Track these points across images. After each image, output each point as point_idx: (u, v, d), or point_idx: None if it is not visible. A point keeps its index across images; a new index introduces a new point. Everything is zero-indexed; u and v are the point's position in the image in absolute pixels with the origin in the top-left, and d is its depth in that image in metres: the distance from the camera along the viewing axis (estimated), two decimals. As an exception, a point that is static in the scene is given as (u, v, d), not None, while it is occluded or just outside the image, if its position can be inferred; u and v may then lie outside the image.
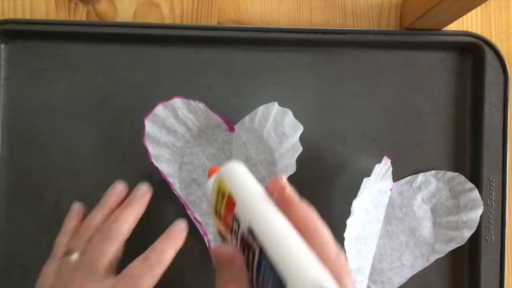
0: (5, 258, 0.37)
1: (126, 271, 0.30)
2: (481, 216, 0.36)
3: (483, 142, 0.37)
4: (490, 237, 0.37)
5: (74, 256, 0.31)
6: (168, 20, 0.38)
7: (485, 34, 0.38)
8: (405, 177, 0.38)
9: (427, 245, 0.37)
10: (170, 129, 0.36)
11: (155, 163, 0.36)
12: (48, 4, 0.38)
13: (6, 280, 0.37)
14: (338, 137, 0.38)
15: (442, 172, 0.37)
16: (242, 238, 0.21)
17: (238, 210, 0.21)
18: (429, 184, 0.37)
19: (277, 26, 0.38)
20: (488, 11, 0.40)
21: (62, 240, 0.33)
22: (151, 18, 0.38)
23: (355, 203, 0.33)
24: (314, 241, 0.21)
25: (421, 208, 0.37)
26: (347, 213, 0.33)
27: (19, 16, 0.38)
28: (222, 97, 0.37)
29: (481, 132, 0.37)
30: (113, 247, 0.31)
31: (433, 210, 0.37)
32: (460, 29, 0.39)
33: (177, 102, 0.35)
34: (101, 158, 0.37)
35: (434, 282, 0.38)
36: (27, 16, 0.38)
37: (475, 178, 0.37)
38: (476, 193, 0.37)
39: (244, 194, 0.22)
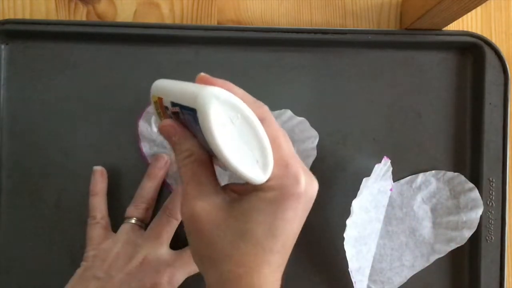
0: (5, 258, 0.37)
1: (186, 250, 0.34)
2: (481, 216, 0.36)
3: (483, 142, 0.37)
4: (490, 237, 0.37)
5: (133, 221, 0.34)
6: (168, 20, 0.38)
7: (485, 34, 0.38)
8: (405, 177, 0.38)
9: (427, 245, 0.37)
10: None
11: (150, 162, 0.36)
12: (48, 4, 0.38)
13: (6, 280, 0.37)
14: (338, 137, 0.38)
15: (442, 172, 0.37)
16: (172, 113, 0.26)
17: (164, 100, 0.27)
18: (429, 184, 0.37)
19: (277, 26, 0.38)
20: (488, 11, 0.40)
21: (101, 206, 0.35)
22: (151, 18, 0.38)
23: (355, 203, 0.33)
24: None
25: (421, 208, 0.37)
26: (347, 213, 0.33)
27: (19, 16, 0.38)
28: (222, 97, 0.37)
29: (481, 132, 0.37)
30: (175, 226, 0.34)
31: (433, 210, 0.37)
32: (460, 29, 0.39)
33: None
34: (101, 158, 0.37)
35: (434, 282, 0.38)
36: (27, 16, 0.38)
37: (475, 178, 0.37)
38: (476, 193, 0.37)
39: (162, 88, 0.28)
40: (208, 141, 0.22)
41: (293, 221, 0.24)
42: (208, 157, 0.26)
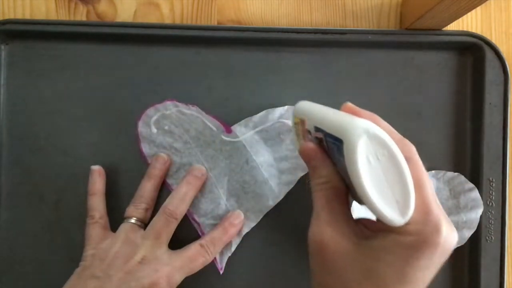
0: (5, 258, 0.37)
1: (185, 250, 0.34)
2: (481, 216, 0.36)
3: (483, 142, 0.37)
4: (490, 237, 0.37)
5: (133, 221, 0.34)
6: (168, 20, 0.38)
7: (485, 34, 0.38)
8: (405, 177, 0.38)
9: (427, 245, 0.37)
10: (166, 130, 0.36)
11: (150, 162, 0.36)
12: (48, 4, 0.38)
13: (6, 280, 0.37)
14: (338, 137, 0.38)
15: (442, 172, 0.37)
16: (315, 137, 0.27)
17: (307, 122, 0.28)
18: (429, 184, 0.37)
19: (277, 26, 0.38)
20: (488, 11, 0.40)
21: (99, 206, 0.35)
22: (151, 18, 0.38)
23: (355, 203, 0.33)
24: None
25: (421, 208, 0.37)
26: (347, 213, 0.33)
27: (19, 16, 0.38)
28: (222, 98, 0.37)
29: (481, 132, 0.37)
30: (174, 225, 0.34)
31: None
32: (460, 29, 0.39)
33: (169, 105, 0.36)
34: (101, 158, 0.37)
35: (434, 282, 0.38)
36: (27, 16, 0.38)
37: (475, 178, 0.37)
38: (476, 193, 0.37)
39: (307, 111, 0.28)
40: (351, 175, 0.21)
41: (425, 270, 0.23)
42: (344, 188, 0.26)
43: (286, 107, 0.36)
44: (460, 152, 0.38)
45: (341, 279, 0.23)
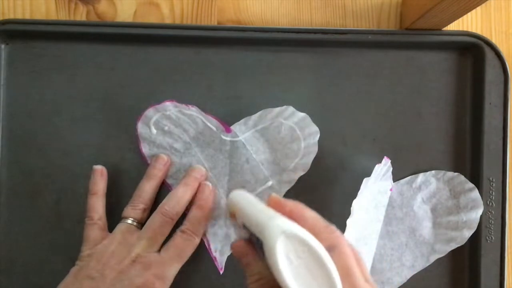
0: (5, 258, 0.37)
1: (171, 243, 0.34)
2: (481, 216, 0.36)
3: (483, 142, 0.37)
4: (490, 237, 0.37)
5: (129, 221, 0.34)
6: (168, 20, 0.38)
7: (485, 34, 0.38)
8: (405, 177, 0.38)
9: (427, 245, 0.37)
10: (165, 131, 0.36)
11: (149, 162, 0.36)
12: (48, 4, 0.38)
13: (6, 280, 0.37)
14: (338, 137, 0.38)
15: (442, 172, 0.37)
16: (244, 232, 0.27)
17: (237, 217, 0.28)
18: (429, 184, 0.37)
19: (277, 26, 0.38)
20: (488, 11, 0.40)
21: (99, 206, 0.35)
22: (151, 18, 0.38)
23: (355, 203, 0.33)
24: (302, 222, 0.24)
25: (421, 208, 0.37)
26: (347, 213, 0.33)
27: (19, 16, 0.38)
28: (222, 98, 0.37)
29: (481, 132, 0.37)
30: (170, 227, 0.34)
31: (433, 210, 0.37)
32: (460, 29, 0.39)
33: (169, 105, 0.36)
34: (101, 158, 0.37)
35: (434, 282, 0.38)
36: (27, 16, 0.38)
37: (475, 178, 0.37)
38: (476, 193, 0.37)
39: (236, 204, 0.28)
40: (274, 275, 0.21)
41: None
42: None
43: (284, 106, 0.36)
44: (460, 152, 0.38)
45: None
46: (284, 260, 0.21)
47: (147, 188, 0.35)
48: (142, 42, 0.37)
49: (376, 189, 0.36)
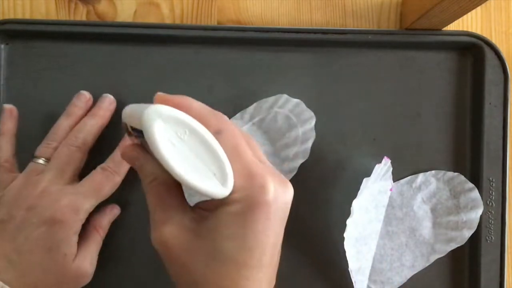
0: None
1: (89, 177, 0.33)
2: (481, 216, 0.36)
3: (483, 142, 0.37)
4: (490, 237, 0.37)
5: (40, 161, 0.33)
6: (168, 20, 0.38)
7: (485, 34, 0.38)
8: (405, 177, 0.38)
9: (427, 245, 0.37)
10: None
11: None
12: (48, 4, 0.38)
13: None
14: (338, 137, 0.38)
15: (442, 172, 0.37)
16: (135, 137, 0.25)
17: (128, 125, 0.26)
18: (429, 184, 0.37)
19: (277, 26, 0.38)
20: (488, 11, 0.40)
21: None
22: (151, 18, 0.38)
23: (355, 203, 0.33)
24: (190, 114, 0.22)
25: (421, 208, 0.37)
26: (347, 213, 0.33)
27: (19, 16, 0.38)
28: (222, 98, 0.37)
29: (481, 132, 0.37)
30: (79, 156, 0.33)
31: (433, 210, 0.37)
32: (460, 29, 0.39)
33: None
34: (101, 158, 0.37)
35: (434, 282, 0.38)
36: (27, 16, 0.38)
37: (475, 178, 0.37)
38: (476, 193, 0.37)
39: (126, 113, 0.26)
40: (159, 161, 0.21)
41: (266, 231, 0.22)
42: (175, 180, 0.24)
43: (277, 95, 0.36)
44: (460, 152, 0.38)
45: (192, 270, 0.23)
46: (165, 142, 0.21)
47: (65, 125, 0.34)
48: (142, 42, 0.37)
49: (376, 189, 0.36)
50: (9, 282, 0.29)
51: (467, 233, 0.36)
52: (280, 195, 0.23)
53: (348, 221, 0.33)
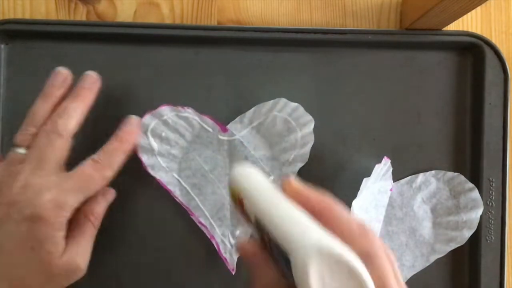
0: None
1: (77, 169, 0.30)
2: (481, 216, 0.36)
3: (483, 142, 0.37)
4: (490, 237, 0.37)
5: (20, 150, 0.30)
6: (168, 20, 0.38)
7: (485, 34, 0.38)
8: (405, 177, 0.38)
9: (427, 245, 0.37)
10: (162, 137, 0.36)
11: (152, 173, 0.35)
12: (48, 4, 0.38)
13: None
14: (338, 137, 0.38)
15: (442, 172, 0.37)
16: (256, 228, 0.23)
17: (245, 205, 0.23)
18: (429, 184, 0.37)
19: (277, 26, 0.38)
20: (488, 11, 0.40)
21: None
22: (151, 18, 0.38)
23: (355, 203, 0.33)
24: (334, 225, 0.20)
25: (421, 208, 0.37)
26: (347, 213, 0.33)
27: (19, 16, 0.38)
28: (222, 98, 0.37)
29: (481, 132, 0.37)
30: (61, 143, 0.30)
31: (433, 210, 0.37)
32: (460, 29, 0.39)
33: (165, 110, 0.35)
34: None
35: (434, 282, 0.38)
36: (27, 16, 0.38)
37: (475, 178, 0.37)
38: (476, 193, 0.37)
39: (246, 189, 0.23)
40: None
41: None
42: None
43: (277, 99, 0.36)
44: (460, 152, 0.38)
45: None
46: (317, 281, 0.18)
47: (42, 109, 0.31)
48: (142, 42, 0.37)
49: (376, 189, 0.36)
50: None
51: (467, 233, 0.36)
52: None
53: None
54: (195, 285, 0.37)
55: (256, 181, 0.24)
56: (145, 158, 0.35)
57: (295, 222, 0.20)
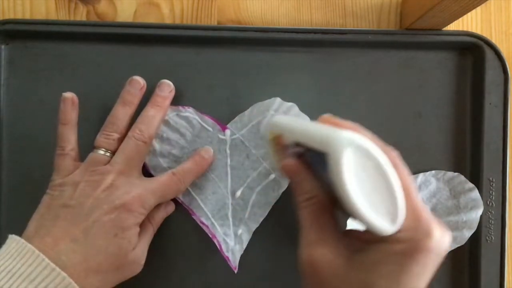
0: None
1: (158, 178, 0.33)
2: (481, 216, 0.36)
3: (483, 142, 0.37)
4: (490, 237, 0.37)
5: (101, 151, 0.33)
6: (168, 20, 0.38)
7: (485, 34, 0.38)
8: (405, 177, 0.38)
9: (427, 245, 0.37)
10: (163, 138, 0.36)
11: (154, 174, 0.35)
12: (48, 4, 0.38)
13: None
14: (338, 137, 0.38)
15: (442, 172, 0.37)
16: (294, 152, 0.27)
17: (284, 138, 0.27)
18: (429, 184, 0.37)
19: (277, 26, 0.38)
20: (488, 11, 0.40)
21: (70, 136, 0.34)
22: (151, 18, 0.38)
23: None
24: None
25: (421, 208, 0.37)
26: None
27: (19, 16, 0.38)
28: (222, 97, 0.37)
29: (481, 132, 0.37)
30: (145, 149, 0.34)
31: (433, 210, 0.37)
32: (460, 29, 0.39)
33: None
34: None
35: (434, 282, 0.38)
36: (27, 16, 0.38)
37: (475, 178, 0.37)
38: (476, 193, 0.37)
39: (284, 126, 0.28)
40: (338, 187, 0.21)
41: (420, 276, 0.23)
42: (330, 201, 0.25)
43: (272, 98, 0.36)
44: (460, 152, 0.38)
45: None
46: (350, 171, 0.21)
47: (122, 114, 0.34)
48: (142, 42, 0.37)
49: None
50: (73, 266, 0.28)
51: (467, 233, 0.36)
52: (441, 243, 0.23)
53: (348, 221, 0.33)
54: (195, 285, 0.37)
55: (294, 118, 0.28)
56: (147, 160, 0.35)
57: (330, 128, 0.23)
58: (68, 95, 0.34)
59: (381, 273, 0.22)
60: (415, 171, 0.38)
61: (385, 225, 0.22)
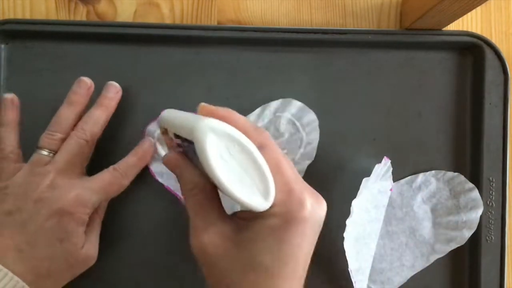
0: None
1: (99, 175, 0.33)
2: (481, 216, 0.36)
3: (483, 142, 0.37)
4: (490, 237, 0.37)
5: (44, 152, 0.32)
6: (168, 20, 0.38)
7: (485, 34, 0.38)
8: (405, 177, 0.38)
9: (427, 245, 0.37)
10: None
11: (161, 180, 0.35)
12: (48, 4, 0.38)
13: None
14: (338, 137, 0.38)
15: (442, 172, 0.37)
16: (177, 144, 0.28)
17: (168, 131, 0.28)
18: (429, 184, 0.37)
19: (277, 26, 0.38)
20: (488, 11, 0.40)
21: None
22: (151, 18, 0.38)
23: (355, 203, 0.33)
24: (236, 127, 0.24)
25: (421, 208, 0.37)
26: (347, 213, 0.33)
27: (19, 16, 0.38)
28: (222, 97, 0.37)
29: (481, 132, 0.37)
30: (87, 149, 0.33)
31: (433, 210, 0.37)
32: (460, 29, 0.39)
33: None
34: (101, 158, 0.37)
35: (434, 282, 0.38)
36: (27, 16, 0.38)
37: (475, 178, 0.37)
38: (476, 193, 0.37)
39: (167, 119, 0.28)
40: (207, 172, 0.22)
41: (301, 245, 0.24)
42: (213, 188, 0.26)
43: (280, 100, 0.36)
44: (460, 152, 0.38)
45: (229, 278, 0.24)
46: (216, 156, 0.22)
47: (66, 114, 0.33)
48: (142, 42, 0.37)
49: (376, 189, 0.36)
50: (22, 275, 0.29)
51: (467, 233, 0.36)
52: (316, 211, 0.24)
53: (348, 221, 0.33)
54: (195, 284, 0.37)
55: (176, 112, 0.29)
56: (153, 166, 0.35)
57: (195, 117, 0.24)
58: (8, 96, 0.34)
59: (263, 248, 0.23)
60: (415, 171, 0.38)
61: (257, 202, 0.23)
